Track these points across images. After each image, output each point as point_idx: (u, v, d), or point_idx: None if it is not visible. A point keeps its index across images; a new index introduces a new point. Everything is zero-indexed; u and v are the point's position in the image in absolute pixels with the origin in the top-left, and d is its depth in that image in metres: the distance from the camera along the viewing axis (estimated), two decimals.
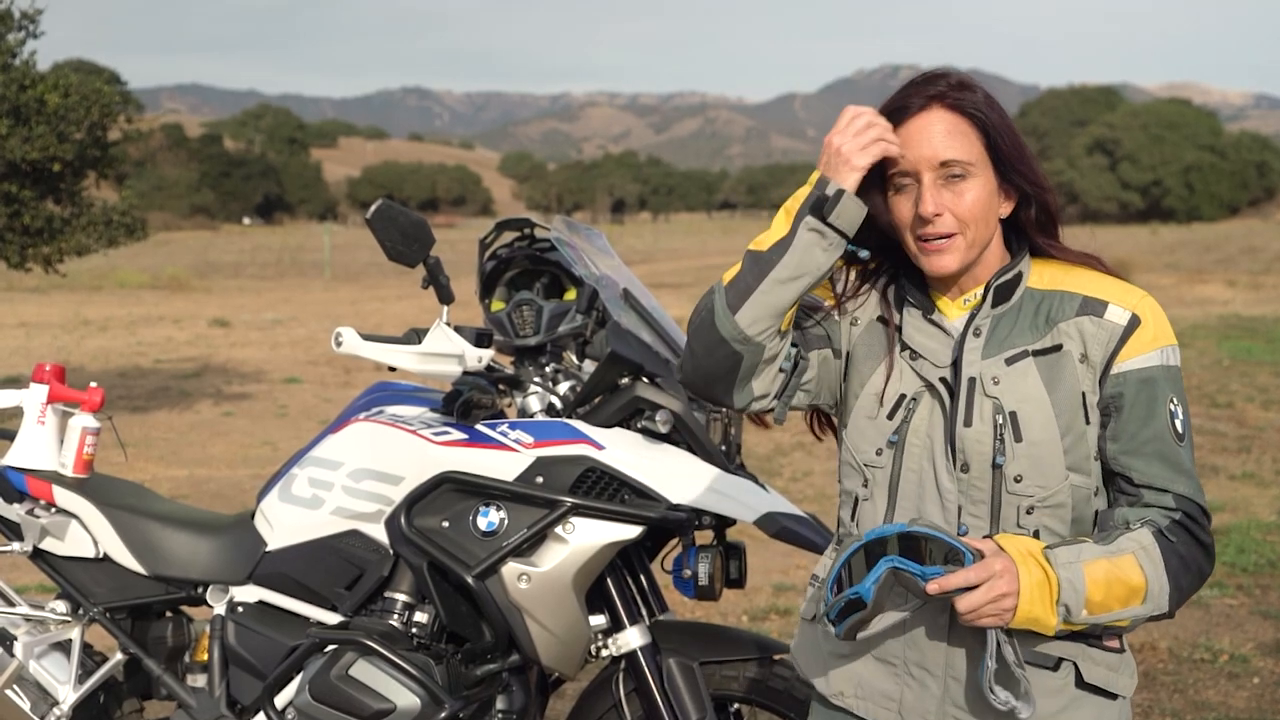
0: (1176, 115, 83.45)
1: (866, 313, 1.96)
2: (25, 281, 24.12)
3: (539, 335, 2.95)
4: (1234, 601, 5.58)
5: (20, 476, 3.13)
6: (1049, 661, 1.83)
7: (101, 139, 10.37)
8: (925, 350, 1.88)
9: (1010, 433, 1.80)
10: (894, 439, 1.87)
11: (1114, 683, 1.86)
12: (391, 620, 2.83)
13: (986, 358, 1.84)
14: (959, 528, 1.83)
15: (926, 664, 1.86)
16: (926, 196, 1.80)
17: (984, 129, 1.82)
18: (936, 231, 1.81)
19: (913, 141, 1.81)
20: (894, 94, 1.86)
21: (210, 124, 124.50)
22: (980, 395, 1.82)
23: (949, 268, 1.83)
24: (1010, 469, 1.80)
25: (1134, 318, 1.83)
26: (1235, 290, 24.37)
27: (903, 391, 1.88)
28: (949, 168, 1.80)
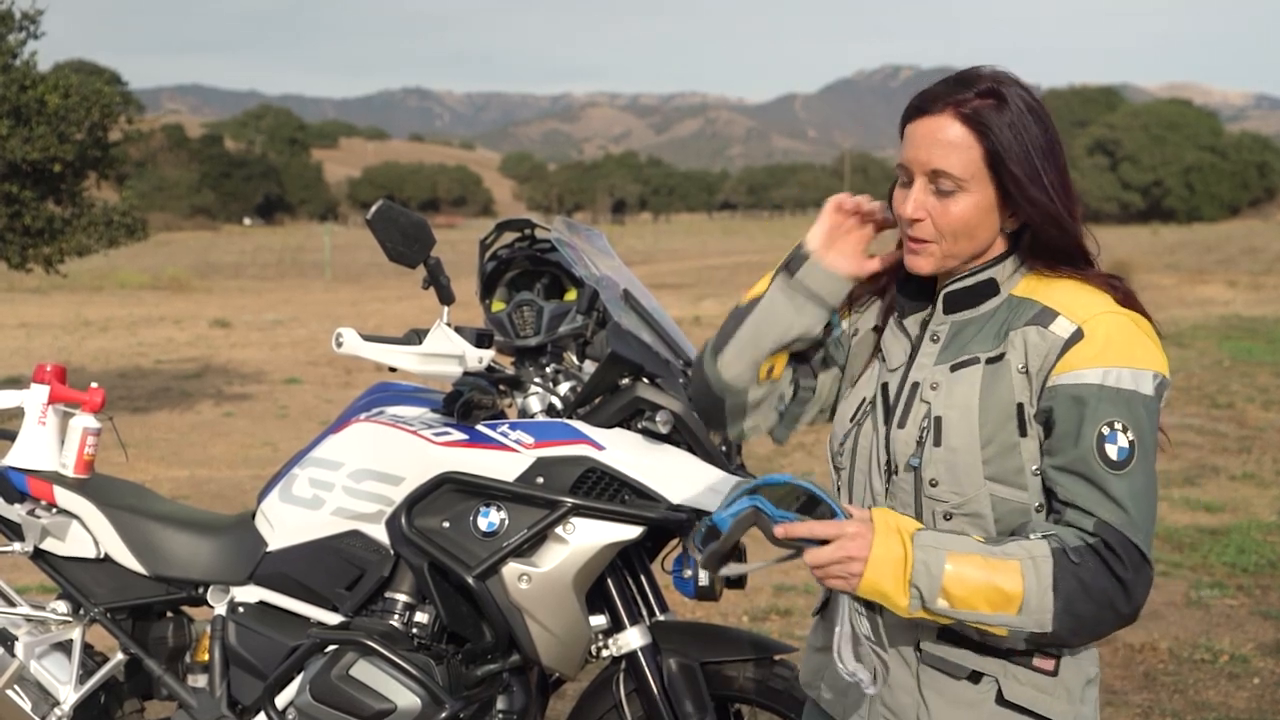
0: (1177, 116, 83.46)
1: (866, 322, 1.99)
2: (26, 282, 24.12)
3: (539, 336, 2.95)
4: (1234, 602, 5.58)
5: (21, 477, 3.13)
6: (961, 672, 1.80)
7: (102, 139, 10.38)
8: (888, 354, 1.92)
9: (931, 437, 1.81)
10: (844, 440, 1.93)
11: (1043, 705, 1.79)
12: (392, 620, 2.84)
13: (938, 364, 1.85)
14: None
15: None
16: (911, 199, 1.81)
17: (989, 147, 1.77)
18: (914, 234, 1.82)
19: (914, 143, 1.81)
20: (931, 85, 1.83)
21: (211, 124, 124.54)
22: (917, 400, 1.84)
23: (922, 269, 1.84)
24: (926, 472, 1.81)
25: (1078, 331, 1.76)
26: (1236, 291, 24.37)
27: (864, 395, 1.93)
28: (938, 178, 1.79)
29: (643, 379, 2.81)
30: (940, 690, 1.81)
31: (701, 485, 2.72)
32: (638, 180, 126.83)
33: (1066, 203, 1.80)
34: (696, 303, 21.84)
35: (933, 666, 1.81)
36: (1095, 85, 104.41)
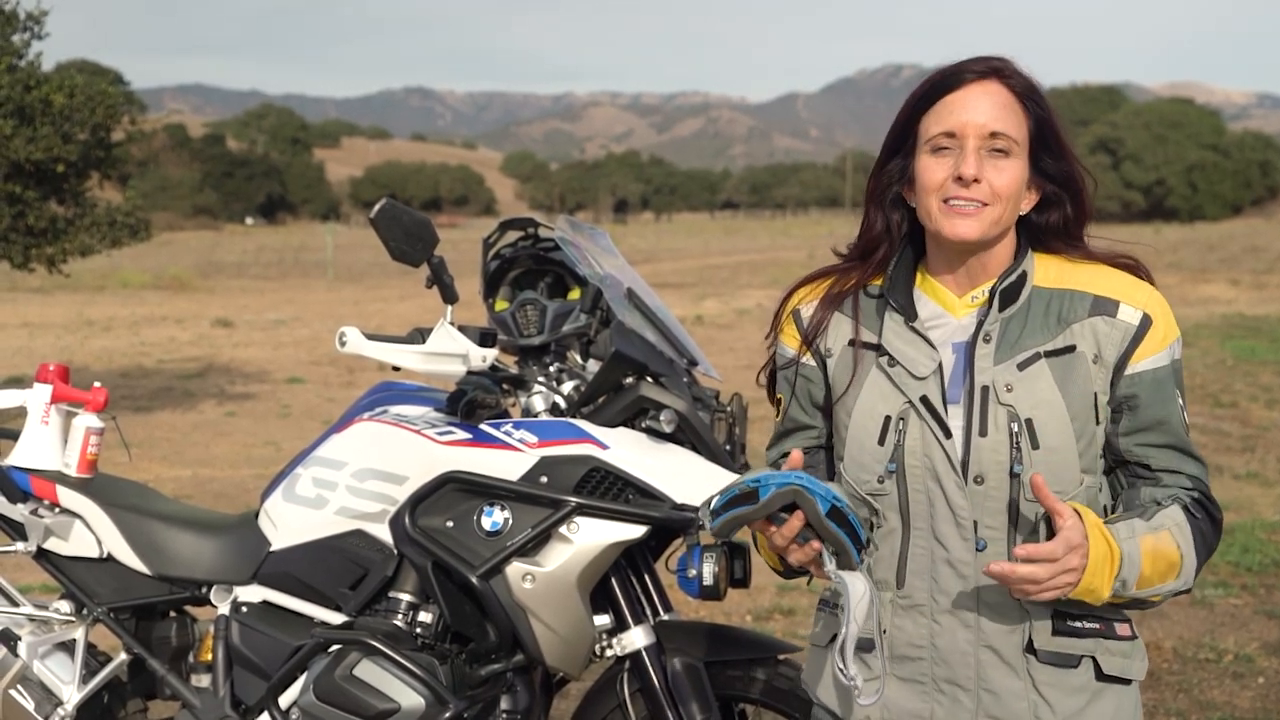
0: (1179, 114, 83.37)
1: (839, 340, 1.92)
2: (29, 282, 24.13)
3: (543, 335, 2.95)
4: (1239, 601, 5.57)
5: (24, 476, 3.13)
6: (1071, 661, 1.83)
7: (105, 139, 10.38)
8: (905, 359, 1.85)
9: (1027, 440, 1.78)
10: (892, 466, 1.83)
11: (1129, 669, 1.87)
12: (396, 620, 2.83)
13: (999, 363, 1.81)
14: (977, 543, 1.80)
15: (957, 679, 1.84)
16: (970, 158, 1.77)
17: (1035, 116, 1.81)
18: (970, 196, 1.78)
19: (966, 106, 1.79)
20: (954, 64, 1.83)
21: (213, 124, 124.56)
22: (994, 403, 1.79)
23: (970, 234, 1.79)
24: (1027, 476, 1.77)
25: (1146, 318, 1.83)
26: (1239, 290, 24.35)
27: (887, 413, 1.84)
28: (995, 139, 1.78)
29: (646, 378, 2.81)
30: (1056, 683, 1.82)
31: (705, 484, 2.71)
32: (640, 179, 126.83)
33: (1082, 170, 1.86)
34: (699, 302, 21.84)
35: (1049, 664, 1.82)
36: (1097, 84, 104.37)
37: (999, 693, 1.82)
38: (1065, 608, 1.82)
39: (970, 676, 1.83)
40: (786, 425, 2.02)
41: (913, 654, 1.86)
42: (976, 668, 1.83)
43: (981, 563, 1.80)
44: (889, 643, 1.87)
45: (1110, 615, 1.86)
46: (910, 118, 1.85)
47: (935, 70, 1.84)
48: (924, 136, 1.82)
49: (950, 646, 1.83)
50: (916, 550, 1.84)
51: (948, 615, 1.83)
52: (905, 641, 1.86)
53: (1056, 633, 1.82)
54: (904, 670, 1.87)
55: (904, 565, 1.85)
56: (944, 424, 1.81)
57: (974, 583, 1.81)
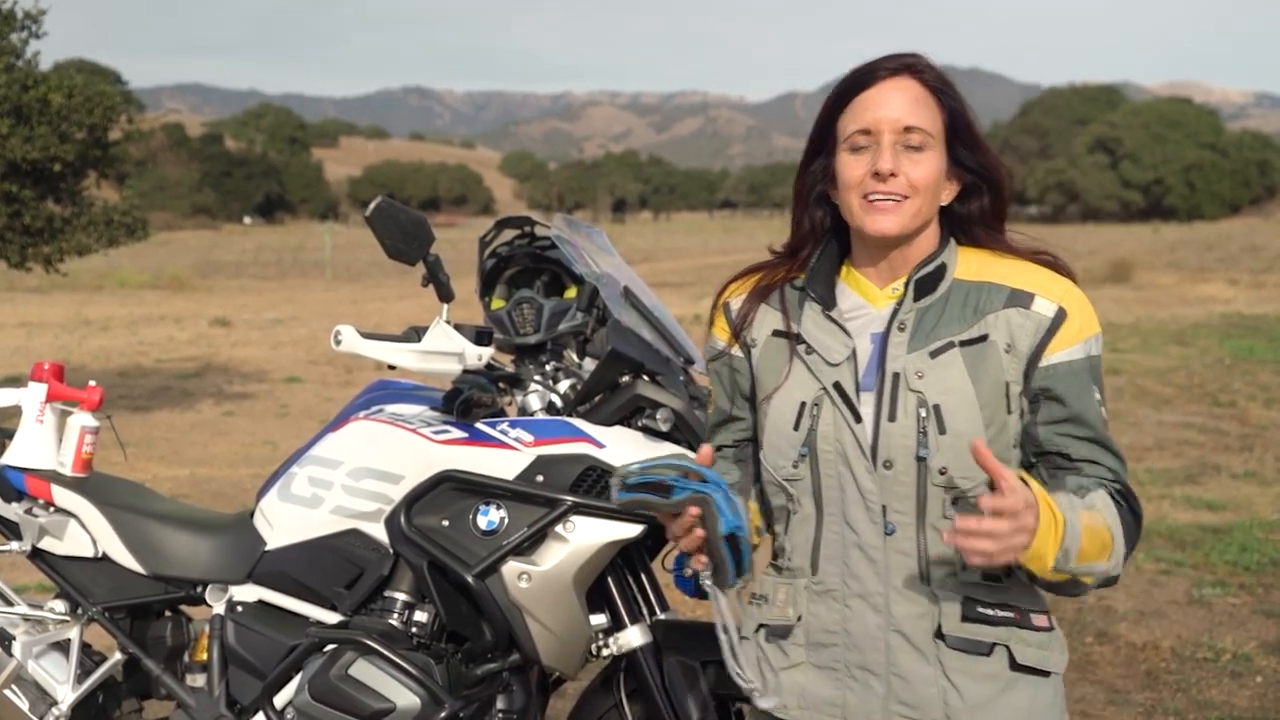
0: (1178, 114, 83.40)
1: (763, 331, 1.97)
2: (26, 281, 24.11)
3: (539, 333, 2.94)
4: (1237, 600, 5.56)
5: (19, 475, 3.12)
6: (981, 648, 1.85)
7: (102, 139, 10.37)
8: (820, 346, 1.90)
9: (934, 425, 1.82)
10: (804, 450, 1.88)
11: (1046, 661, 1.88)
12: (391, 620, 2.82)
13: (912, 351, 1.85)
14: (886, 527, 1.84)
15: (868, 664, 1.87)
16: (886, 154, 1.82)
17: (949, 108, 1.86)
18: (888, 190, 1.83)
19: (880, 103, 1.84)
20: (868, 61, 1.89)
21: (211, 124, 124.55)
22: (904, 390, 1.84)
23: (889, 229, 1.84)
24: (934, 461, 1.81)
25: (1060, 311, 1.86)
26: (1237, 289, 24.36)
27: (802, 399, 1.88)
28: (910, 134, 1.83)
29: (643, 376, 2.80)
30: (966, 670, 1.84)
31: None
32: (638, 179, 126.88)
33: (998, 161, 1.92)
34: (697, 301, 21.81)
35: (958, 649, 1.84)
36: (1096, 84, 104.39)
37: (908, 678, 1.85)
38: (976, 594, 1.85)
39: (880, 661, 1.86)
40: (717, 417, 2.08)
41: (827, 640, 1.90)
42: (887, 652, 1.85)
43: (891, 547, 1.84)
44: (805, 629, 1.91)
45: (1026, 605, 1.88)
46: (829, 118, 1.90)
47: (850, 70, 1.90)
48: (842, 135, 1.87)
49: (861, 631, 1.87)
50: (829, 535, 1.88)
51: (858, 600, 1.86)
52: (819, 628, 1.90)
53: (966, 619, 1.84)
54: (819, 657, 1.91)
55: (817, 551, 1.90)
56: (855, 409, 1.85)
57: (884, 567, 1.85)
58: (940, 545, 1.83)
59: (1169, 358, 13.88)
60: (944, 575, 1.84)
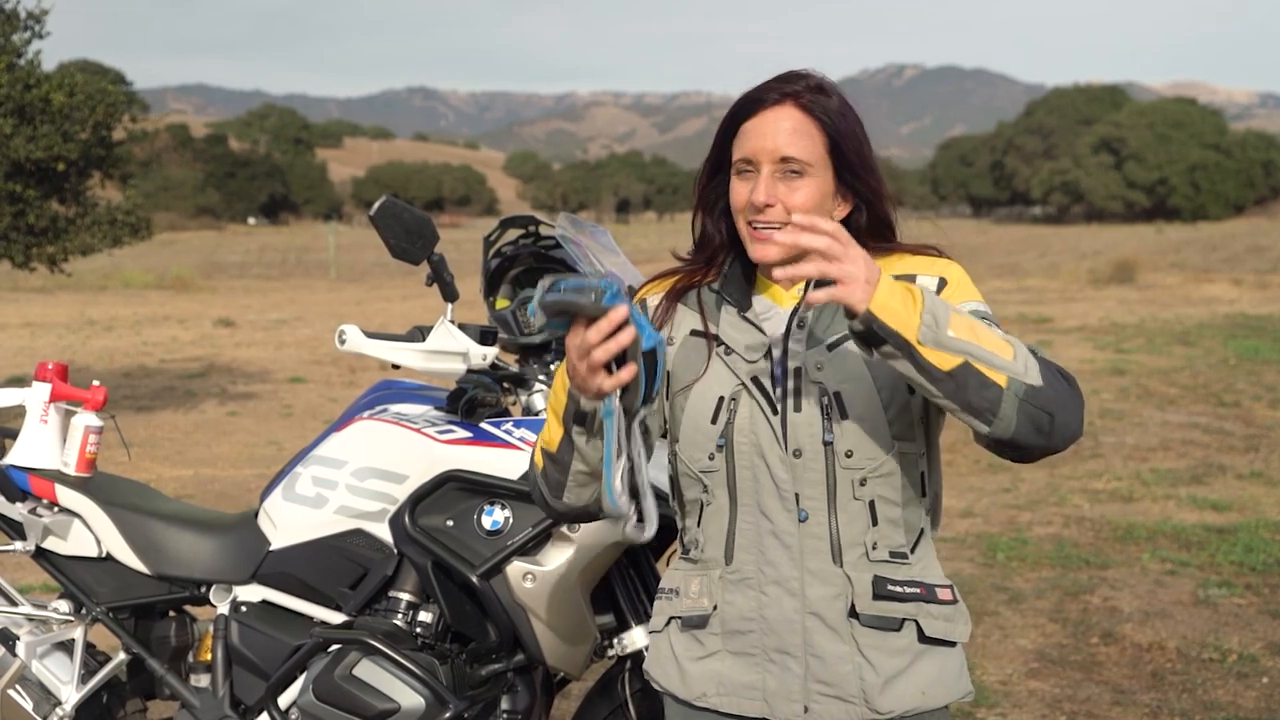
0: (1182, 114, 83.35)
1: (681, 329, 2.03)
2: (30, 281, 24.16)
3: (544, 333, 2.93)
4: (1242, 601, 5.55)
5: (23, 475, 3.12)
6: (893, 624, 1.92)
7: (106, 139, 10.38)
8: (738, 345, 1.96)
9: (836, 411, 1.89)
10: (721, 442, 1.94)
11: (951, 632, 1.97)
12: (396, 620, 2.82)
13: (811, 347, 1.92)
14: (799, 514, 1.90)
15: (786, 647, 1.93)
16: (761, 186, 1.90)
17: (830, 134, 1.92)
18: (766, 220, 1.91)
19: (759, 133, 1.91)
20: (754, 86, 1.96)
21: (215, 124, 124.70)
22: (806, 382, 1.91)
23: (771, 256, 1.91)
24: (840, 445, 1.89)
25: (941, 280, 1.94)
26: (1241, 289, 24.32)
27: (721, 394, 1.95)
28: (788, 163, 1.90)
29: None
30: (879, 645, 1.92)
31: None
32: (642, 179, 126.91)
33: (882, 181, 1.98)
34: None
35: (871, 627, 1.91)
36: (1100, 84, 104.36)
37: (825, 657, 1.91)
38: (885, 573, 1.92)
39: (798, 644, 1.92)
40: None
41: (744, 627, 1.95)
42: (803, 634, 1.92)
43: (804, 532, 1.91)
44: (720, 619, 1.96)
45: (932, 580, 1.96)
46: (722, 141, 1.99)
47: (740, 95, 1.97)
48: (732, 160, 1.96)
49: (778, 616, 1.92)
50: (744, 525, 1.94)
51: (774, 586, 1.92)
52: (736, 616, 1.95)
53: (877, 597, 1.91)
54: (736, 645, 1.96)
55: (732, 541, 1.95)
56: (772, 401, 1.92)
57: (798, 552, 1.91)
58: (851, 528, 1.90)
59: (1173, 358, 13.86)
60: (856, 557, 1.91)
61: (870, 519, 1.91)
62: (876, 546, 1.92)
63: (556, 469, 1.95)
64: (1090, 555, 6.22)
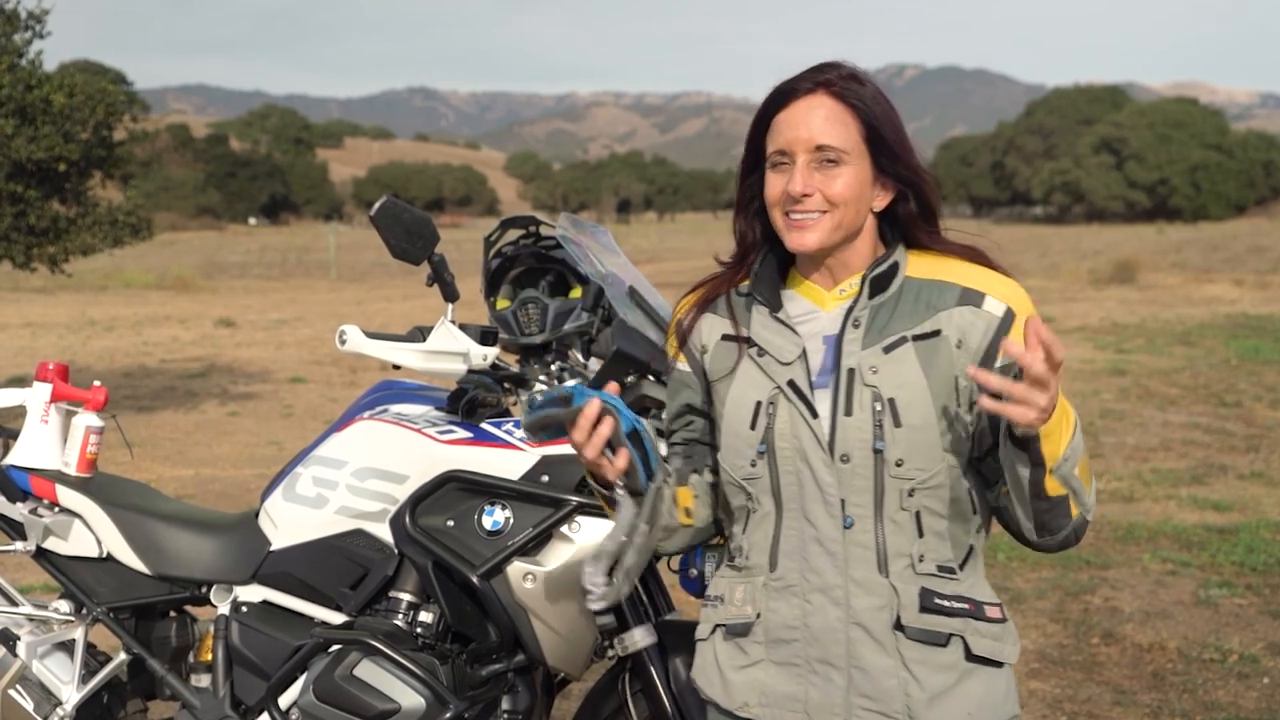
0: (1183, 114, 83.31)
1: (712, 336, 2.02)
2: (31, 282, 24.16)
3: (544, 333, 2.93)
4: (1243, 601, 5.55)
5: (24, 475, 3.12)
6: (939, 639, 1.88)
7: (107, 139, 10.38)
8: (771, 347, 1.94)
9: (889, 418, 1.85)
10: (762, 448, 1.91)
11: (1000, 651, 1.92)
12: (396, 620, 2.82)
13: (866, 347, 1.89)
14: (845, 520, 1.87)
15: (829, 658, 1.89)
16: (797, 176, 1.88)
17: (866, 121, 1.89)
18: (804, 209, 1.89)
19: (793, 123, 1.89)
20: (789, 78, 1.94)
21: (216, 124, 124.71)
22: (859, 384, 1.87)
23: (809, 245, 1.89)
24: (890, 454, 1.85)
25: (1009, 312, 1.90)
26: (1242, 289, 24.31)
27: (757, 399, 1.93)
28: (823, 151, 1.87)
29: (648, 377, 2.79)
30: (925, 660, 1.88)
31: None
32: (643, 179, 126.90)
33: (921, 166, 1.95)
34: None
35: (917, 640, 1.87)
36: (1101, 84, 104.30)
37: (869, 670, 1.88)
38: (932, 586, 1.88)
39: (841, 655, 1.89)
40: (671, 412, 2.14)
41: (787, 636, 1.92)
42: (847, 645, 1.88)
43: (849, 540, 1.87)
44: (764, 627, 1.94)
45: (980, 597, 1.92)
46: (756, 135, 1.97)
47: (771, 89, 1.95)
48: (766, 153, 1.94)
49: (822, 625, 1.89)
50: (788, 531, 1.91)
51: (818, 594, 1.89)
52: (780, 624, 1.92)
53: (924, 610, 1.87)
54: (779, 654, 1.93)
55: (776, 548, 1.93)
56: (810, 404, 1.89)
57: (842, 560, 1.88)
58: (897, 538, 1.87)
59: (1174, 358, 13.86)
60: (902, 568, 1.87)
61: (917, 530, 1.88)
62: (924, 559, 1.88)
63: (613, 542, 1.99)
64: (1091, 555, 6.22)
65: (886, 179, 1.92)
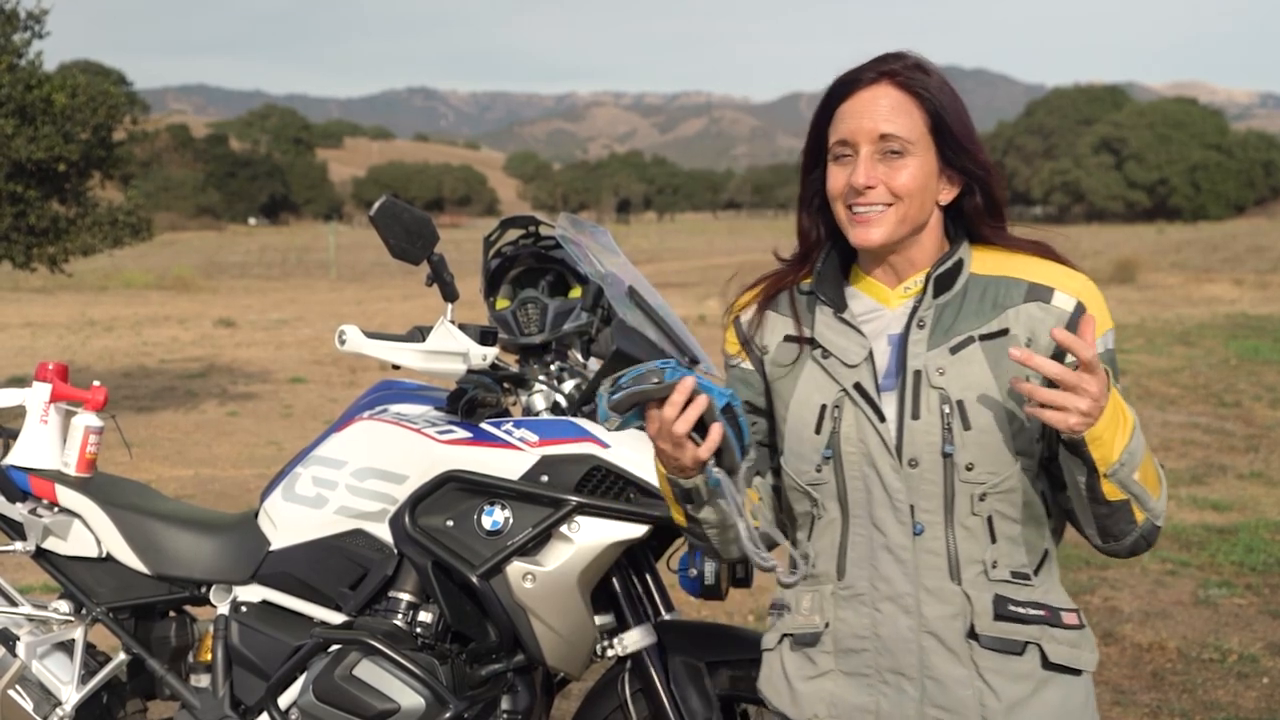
0: (1183, 114, 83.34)
1: (774, 336, 1.96)
2: (31, 282, 24.16)
3: (544, 333, 2.93)
4: (1243, 601, 5.55)
5: (23, 475, 3.12)
6: (1015, 647, 1.83)
7: (107, 139, 10.38)
8: (836, 349, 1.88)
9: (958, 421, 1.80)
10: (828, 453, 1.86)
11: (1078, 659, 1.86)
12: (396, 620, 2.82)
13: (932, 348, 1.83)
14: (914, 527, 1.82)
15: (901, 668, 1.84)
16: (860, 168, 1.82)
17: (931, 110, 1.83)
18: (867, 202, 1.83)
19: (857, 113, 1.83)
20: (852, 68, 1.88)
21: (216, 124, 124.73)
22: (926, 387, 1.82)
23: (873, 240, 1.84)
24: (960, 457, 1.80)
25: (1079, 306, 1.84)
26: (1242, 289, 24.32)
27: (822, 401, 1.87)
28: (887, 142, 1.81)
29: None
30: (1000, 670, 1.82)
31: None
32: (642, 180, 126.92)
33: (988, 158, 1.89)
34: (701, 301, 21.82)
35: (992, 649, 1.82)
36: (1101, 84, 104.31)
37: (943, 680, 1.82)
38: (1006, 592, 1.83)
39: (913, 664, 1.83)
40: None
41: (857, 646, 1.87)
42: (919, 655, 1.83)
43: (919, 547, 1.82)
44: (833, 636, 1.89)
45: (1056, 603, 1.87)
46: (818, 127, 1.91)
47: (834, 80, 1.89)
48: (828, 145, 1.87)
49: (892, 634, 1.84)
50: (856, 539, 1.86)
51: (888, 603, 1.83)
52: (849, 634, 1.87)
53: (998, 617, 1.82)
54: (849, 664, 1.88)
55: (844, 555, 1.87)
56: (878, 408, 1.83)
57: (913, 567, 1.82)
58: (969, 544, 1.82)
59: (1174, 358, 13.86)
60: (974, 575, 1.82)
61: (990, 536, 1.82)
62: (997, 565, 1.83)
63: (697, 539, 1.93)
64: (1090, 555, 6.21)
65: (952, 171, 1.86)
